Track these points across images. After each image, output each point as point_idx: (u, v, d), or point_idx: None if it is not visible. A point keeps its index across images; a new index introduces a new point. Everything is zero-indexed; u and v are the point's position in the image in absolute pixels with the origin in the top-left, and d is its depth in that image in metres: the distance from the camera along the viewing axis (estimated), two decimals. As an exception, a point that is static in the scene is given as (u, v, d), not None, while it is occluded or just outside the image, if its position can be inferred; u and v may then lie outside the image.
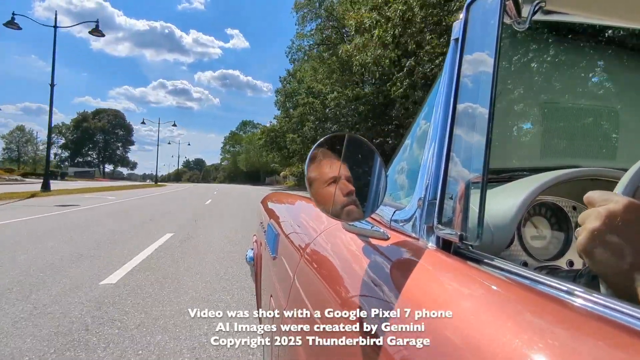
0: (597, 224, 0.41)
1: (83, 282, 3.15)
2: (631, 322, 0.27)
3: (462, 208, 0.48)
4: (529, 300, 0.35)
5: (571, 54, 1.09)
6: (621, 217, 0.40)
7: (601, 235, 0.40)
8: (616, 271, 0.40)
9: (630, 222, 0.40)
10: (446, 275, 0.47)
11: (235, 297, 2.95)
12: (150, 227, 6.45)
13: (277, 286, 1.08)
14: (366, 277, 0.59)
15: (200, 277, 3.45)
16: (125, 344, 2.12)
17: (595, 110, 1.11)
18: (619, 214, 0.40)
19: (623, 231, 0.40)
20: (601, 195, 0.43)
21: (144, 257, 4.14)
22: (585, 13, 0.63)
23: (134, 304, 2.73)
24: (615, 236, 0.40)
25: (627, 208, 0.40)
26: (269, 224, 1.48)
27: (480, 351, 0.31)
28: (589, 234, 0.41)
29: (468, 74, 0.55)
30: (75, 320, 2.39)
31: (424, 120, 0.77)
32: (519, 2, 0.56)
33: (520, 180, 0.77)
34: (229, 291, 3.09)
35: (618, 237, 0.40)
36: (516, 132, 1.10)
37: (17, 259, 3.83)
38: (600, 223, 0.41)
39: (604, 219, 0.40)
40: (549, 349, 0.28)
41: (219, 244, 5.12)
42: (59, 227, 6.04)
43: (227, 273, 3.61)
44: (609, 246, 0.40)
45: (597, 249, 0.41)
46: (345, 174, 0.64)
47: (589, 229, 0.41)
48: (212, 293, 3.03)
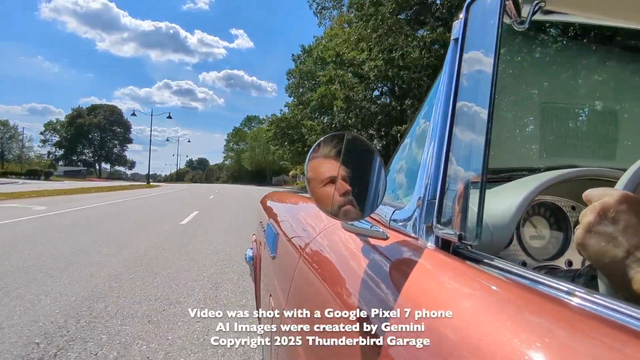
0: (592, 217, 0.42)
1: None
2: (630, 322, 0.27)
3: (462, 208, 0.48)
4: (527, 300, 0.35)
5: (571, 53, 1.09)
6: (614, 209, 0.41)
7: (596, 226, 0.42)
8: (611, 260, 0.41)
9: (623, 212, 0.41)
10: (445, 275, 0.48)
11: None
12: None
13: (276, 286, 1.08)
14: (365, 276, 0.59)
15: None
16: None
17: (594, 110, 1.11)
18: (612, 206, 0.42)
19: (617, 221, 0.41)
20: (599, 192, 0.44)
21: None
22: (585, 13, 0.63)
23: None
24: (609, 227, 0.41)
25: (621, 199, 0.42)
26: (269, 223, 1.48)
27: (479, 351, 0.31)
28: (585, 226, 0.43)
29: (467, 74, 0.55)
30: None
31: (424, 119, 0.77)
32: (519, 2, 0.56)
33: (520, 180, 0.77)
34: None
35: (612, 228, 0.41)
36: (515, 131, 1.10)
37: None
38: (595, 216, 0.42)
39: (598, 212, 0.42)
40: (547, 349, 0.28)
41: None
42: None
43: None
44: (604, 237, 0.41)
45: (593, 240, 0.42)
46: (342, 174, 0.64)
47: (584, 223, 0.43)
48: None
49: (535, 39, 1.03)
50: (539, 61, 1.09)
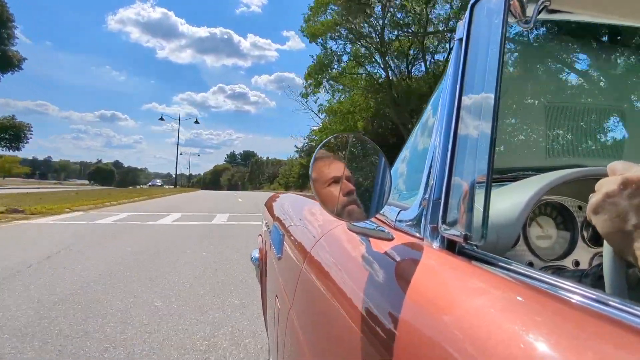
0: (611, 187, 0.44)
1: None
2: (637, 322, 0.27)
3: (467, 208, 0.48)
4: (534, 300, 0.35)
5: (577, 53, 1.08)
6: (636, 184, 0.43)
7: (612, 197, 0.44)
8: (618, 230, 0.43)
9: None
10: (451, 275, 0.47)
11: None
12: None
13: (282, 286, 1.08)
14: (371, 277, 0.59)
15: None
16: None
17: (601, 110, 1.10)
18: (634, 181, 0.43)
19: (634, 197, 0.43)
20: (624, 165, 0.46)
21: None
22: (591, 12, 0.62)
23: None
24: (625, 200, 0.43)
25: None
26: (274, 224, 1.48)
27: (486, 351, 0.31)
28: (602, 195, 0.45)
29: (472, 74, 0.55)
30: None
31: (428, 120, 0.77)
32: (524, 2, 0.56)
33: (526, 180, 0.77)
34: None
35: (628, 202, 0.43)
36: (521, 131, 1.10)
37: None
38: (615, 187, 0.44)
39: (620, 184, 0.44)
40: (555, 349, 0.28)
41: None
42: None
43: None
44: (617, 208, 0.43)
45: (605, 208, 0.44)
46: (347, 174, 0.64)
47: (603, 192, 0.45)
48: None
49: (541, 39, 1.03)
50: (545, 61, 1.09)
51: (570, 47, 1.05)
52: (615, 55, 1.07)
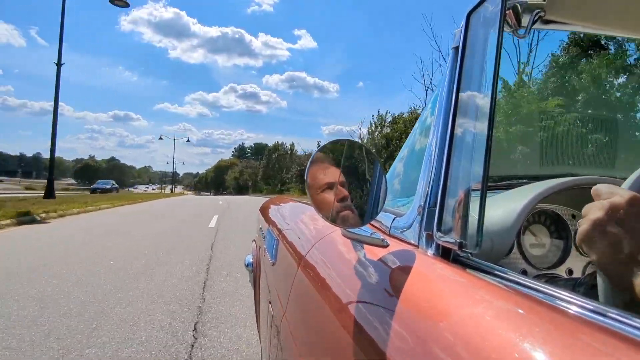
0: (599, 214, 0.42)
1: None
2: (630, 331, 0.27)
3: (462, 215, 0.48)
4: (528, 308, 0.35)
5: (571, 63, 1.09)
6: (624, 210, 0.41)
7: (602, 225, 0.41)
8: (613, 260, 0.41)
9: (632, 215, 0.40)
10: (445, 283, 0.47)
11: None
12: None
13: (276, 292, 1.07)
14: (365, 284, 0.58)
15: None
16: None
17: (595, 119, 1.12)
18: (622, 207, 0.41)
19: (624, 223, 0.40)
20: (608, 189, 0.44)
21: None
22: (584, 23, 0.63)
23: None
24: (616, 227, 0.41)
25: (631, 201, 0.41)
26: (268, 229, 1.48)
27: (479, 359, 0.31)
28: (591, 223, 0.42)
29: (467, 83, 0.56)
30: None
31: (424, 127, 0.77)
32: (519, 12, 0.56)
33: (520, 188, 0.77)
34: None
35: (618, 229, 0.40)
36: (516, 140, 1.11)
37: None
38: (603, 214, 0.41)
39: (607, 210, 0.41)
40: (547, 358, 0.28)
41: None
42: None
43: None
44: (609, 236, 0.41)
45: (597, 238, 0.41)
46: (342, 180, 0.64)
47: (591, 219, 0.42)
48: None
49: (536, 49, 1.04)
50: (539, 70, 1.10)
51: (566, 57, 1.06)
52: (611, 66, 1.08)
